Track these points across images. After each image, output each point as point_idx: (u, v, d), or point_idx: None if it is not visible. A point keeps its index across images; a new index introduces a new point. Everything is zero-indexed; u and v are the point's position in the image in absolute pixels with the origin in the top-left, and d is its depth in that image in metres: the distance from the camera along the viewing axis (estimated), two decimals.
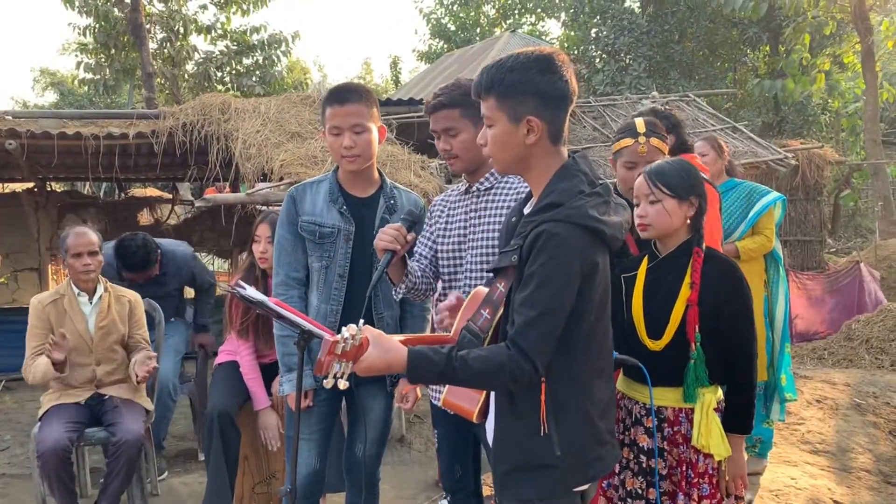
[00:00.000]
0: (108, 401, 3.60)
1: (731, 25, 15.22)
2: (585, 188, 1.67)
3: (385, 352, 1.59)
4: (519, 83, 1.68)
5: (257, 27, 15.64)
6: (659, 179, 2.19)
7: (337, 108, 2.53)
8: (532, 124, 1.68)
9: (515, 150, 1.72)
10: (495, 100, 1.71)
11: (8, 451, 4.89)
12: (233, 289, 2.11)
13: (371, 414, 2.72)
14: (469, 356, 1.59)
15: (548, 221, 1.61)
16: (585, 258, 1.61)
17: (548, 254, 1.59)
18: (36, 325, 3.52)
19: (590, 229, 1.61)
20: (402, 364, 1.59)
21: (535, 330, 1.58)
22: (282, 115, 5.43)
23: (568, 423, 1.66)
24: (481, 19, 25.14)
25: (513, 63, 1.69)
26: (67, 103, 23.40)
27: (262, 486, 3.82)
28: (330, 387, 1.53)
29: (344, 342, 1.50)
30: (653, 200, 2.19)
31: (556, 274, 1.58)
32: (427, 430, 5.01)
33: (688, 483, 2.13)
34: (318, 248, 2.63)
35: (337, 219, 2.62)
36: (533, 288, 1.59)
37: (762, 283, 3.94)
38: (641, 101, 7.60)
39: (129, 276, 4.44)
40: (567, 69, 1.71)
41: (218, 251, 9.03)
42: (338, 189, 2.65)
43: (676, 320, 2.14)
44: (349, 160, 2.56)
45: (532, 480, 1.69)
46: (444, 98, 2.39)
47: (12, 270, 8.39)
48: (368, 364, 1.57)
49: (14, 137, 5.17)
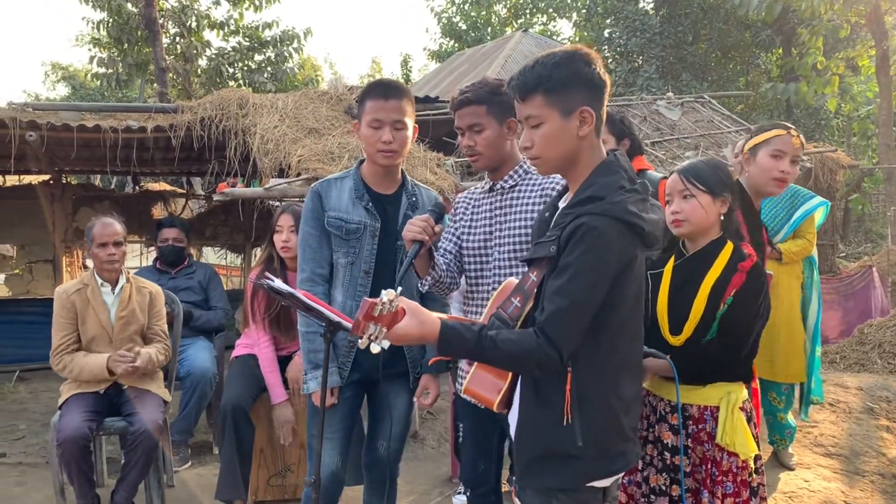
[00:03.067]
0: (127, 391, 3.63)
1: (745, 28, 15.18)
2: (626, 184, 1.68)
3: (420, 323, 1.61)
4: (568, 76, 1.70)
5: (269, 23, 15.64)
6: (692, 175, 2.22)
7: (381, 102, 2.53)
8: (585, 115, 1.70)
9: (567, 145, 1.73)
10: (543, 96, 1.71)
11: (23, 440, 4.93)
12: (260, 282, 2.13)
13: (394, 411, 2.73)
14: (498, 337, 1.61)
15: (588, 214, 1.62)
16: (622, 253, 1.63)
17: (585, 245, 1.60)
18: (61, 315, 3.56)
19: (629, 224, 1.62)
20: (435, 336, 1.61)
21: (565, 319, 1.60)
22: (299, 110, 5.45)
23: (592, 415, 1.67)
24: (492, 19, 25.14)
25: (556, 59, 1.71)
26: (79, 97, 23.52)
27: (276, 479, 3.86)
28: (364, 347, 1.55)
29: (381, 305, 1.53)
30: (686, 195, 2.21)
31: (591, 266, 1.60)
32: (440, 426, 5.02)
33: (712, 481, 2.14)
34: (344, 244, 2.64)
35: (363, 215, 2.63)
36: (567, 278, 1.61)
37: (799, 284, 3.94)
38: (656, 101, 7.59)
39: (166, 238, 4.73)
40: (600, 63, 1.75)
41: (231, 246, 9.05)
42: (362, 186, 2.66)
43: (696, 316, 2.16)
44: (385, 155, 2.56)
45: (553, 470, 1.71)
46: (470, 94, 2.41)
47: (27, 262, 8.44)
48: (403, 332, 1.60)
49: (34, 129, 5.20)
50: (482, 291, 2.48)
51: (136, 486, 3.51)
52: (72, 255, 8.71)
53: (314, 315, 2.15)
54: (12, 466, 4.40)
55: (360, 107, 2.61)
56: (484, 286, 2.47)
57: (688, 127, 7.12)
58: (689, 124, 7.19)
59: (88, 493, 3.44)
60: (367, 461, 2.83)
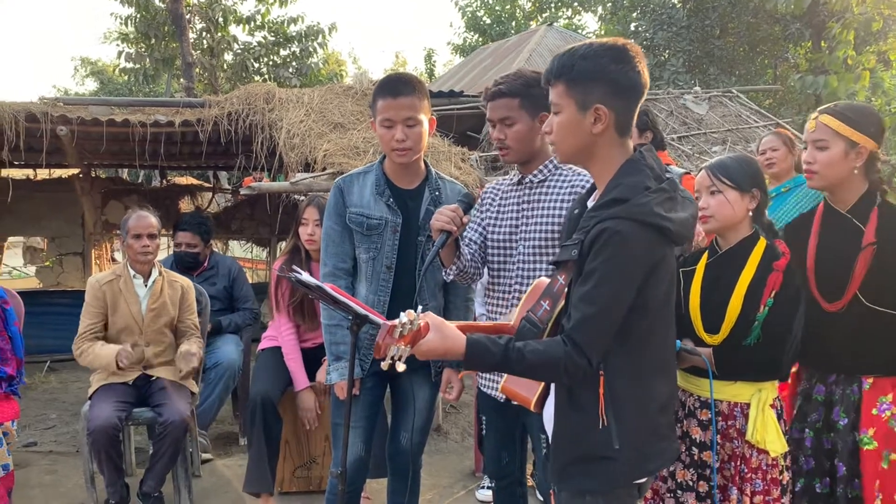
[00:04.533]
0: (155, 382, 3.69)
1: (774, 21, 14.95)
2: (651, 184, 1.65)
3: (444, 338, 1.61)
4: (590, 70, 1.67)
5: (295, 18, 15.70)
6: (720, 171, 2.19)
7: (390, 101, 2.51)
8: (600, 113, 1.67)
9: (580, 138, 1.71)
10: (565, 86, 1.70)
11: (54, 429, 5.02)
12: (289, 274, 2.14)
13: (416, 403, 2.74)
14: (525, 349, 1.60)
15: (611, 218, 1.60)
16: (648, 256, 1.61)
17: (610, 251, 1.58)
18: (91, 304, 3.61)
19: (654, 226, 1.60)
20: (461, 351, 1.61)
21: (592, 326, 1.59)
22: (325, 105, 5.47)
23: (627, 416, 1.66)
24: (517, 13, 25.01)
25: (585, 50, 1.68)
26: (107, 92, 23.77)
27: (302, 471, 3.89)
28: (387, 368, 1.56)
29: (402, 326, 1.53)
30: (714, 191, 2.19)
31: (616, 272, 1.58)
32: (463, 420, 5.04)
33: (741, 478, 2.12)
34: (365, 239, 2.64)
35: (384, 211, 2.63)
36: (592, 284, 1.59)
37: None
38: (683, 95, 7.52)
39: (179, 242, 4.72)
40: (640, 61, 1.70)
41: (256, 239, 9.13)
42: (384, 181, 2.65)
43: (733, 315, 2.13)
44: (399, 153, 2.55)
45: (591, 473, 1.70)
46: (504, 87, 2.39)
47: (57, 254, 8.57)
48: (427, 349, 1.59)
49: (65, 123, 5.28)
50: (504, 284, 2.47)
51: (164, 475, 3.57)
52: (100, 248, 8.83)
53: (341, 308, 2.16)
54: (43, 455, 4.49)
55: (373, 105, 2.60)
56: (506, 279, 2.46)
57: (715, 121, 7.05)
58: (716, 119, 7.11)
59: (117, 481, 3.50)
60: (391, 452, 2.86)
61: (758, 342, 2.11)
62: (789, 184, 3.91)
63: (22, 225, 8.39)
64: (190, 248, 4.72)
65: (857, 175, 2.28)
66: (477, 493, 3.90)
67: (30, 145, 5.59)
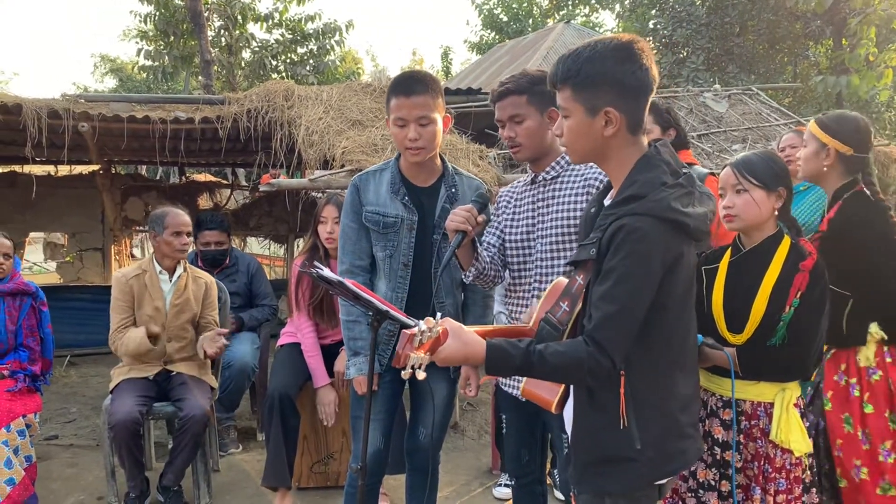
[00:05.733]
0: (176, 377, 3.72)
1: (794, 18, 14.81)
2: (668, 179, 1.63)
3: (464, 344, 1.60)
4: (596, 74, 1.64)
5: (312, 16, 15.74)
6: (746, 169, 2.16)
7: (402, 100, 2.50)
8: (610, 116, 1.65)
9: (592, 141, 1.69)
10: (571, 91, 1.67)
11: (75, 422, 5.07)
12: (311, 270, 2.15)
13: (435, 399, 2.73)
14: (546, 351, 1.58)
15: (629, 215, 1.58)
16: (667, 253, 1.59)
17: (628, 249, 1.56)
18: (119, 298, 3.65)
19: (672, 222, 1.58)
20: (480, 357, 1.60)
21: (613, 325, 1.57)
22: (343, 102, 5.47)
23: (648, 416, 1.64)
24: (534, 10, 24.94)
25: (590, 53, 1.65)
26: (126, 89, 23.97)
27: (319, 466, 3.91)
28: (408, 377, 1.57)
29: (421, 335, 1.54)
30: (739, 190, 2.16)
31: (635, 270, 1.57)
32: (480, 417, 5.04)
33: (765, 477, 2.10)
34: (382, 237, 2.65)
35: (400, 209, 2.63)
36: (612, 283, 1.57)
37: None
38: (703, 93, 7.46)
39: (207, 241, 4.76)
40: (647, 57, 1.67)
41: (275, 236, 9.17)
42: (400, 179, 2.65)
43: (758, 315, 2.11)
44: (413, 152, 2.55)
45: (612, 473, 1.68)
46: (510, 85, 2.40)
47: (78, 250, 8.66)
48: (447, 355, 1.59)
49: (87, 120, 5.32)
50: (524, 284, 2.47)
51: (184, 469, 3.60)
52: (120, 244, 8.91)
53: (362, 304, 2.17)
54: (64, 448, 4.54)
55: (387, 104, 2.59)
56: (526, 279, 2.46)
57: (735, 119, 6.99)
58: (736, 117, 7.05)
59: (138, 475, 3.53)
60: (409, 448, 2.87)
61: (783, 342, 2.10)
62: (808, 182, 3.88)
63: (43, 221, 8.49)
64: (219, 246, 4.80)
65: (832, 172, 2.67)
66: (494, 491, 3.90)
67: (52, 142, 5.64)
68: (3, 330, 3.58)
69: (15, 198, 7.81)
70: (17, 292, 3.64)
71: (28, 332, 3.65)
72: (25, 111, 5.17)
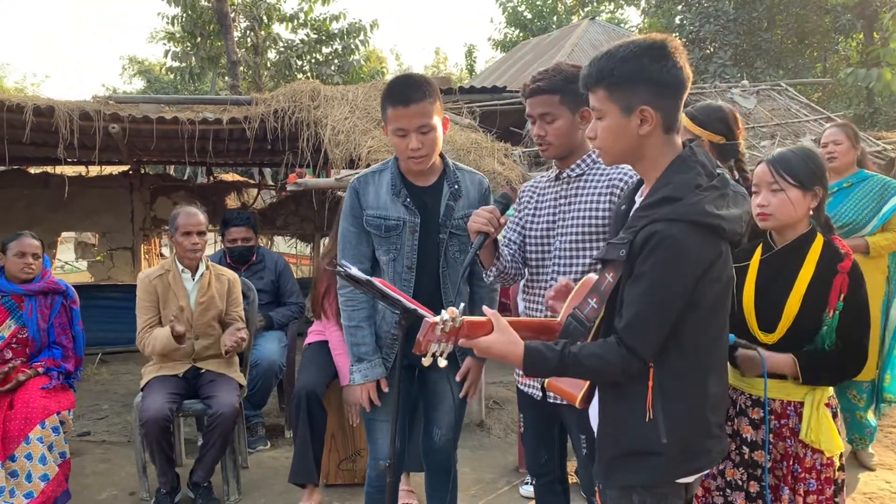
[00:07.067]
0: (205, 374, 3.77)
1: (824, 12, 14.59)
2: (703, 181, 1.62)
3: (507, 342, 1.64)
4: (631, 73, 1.63)
5: (336, 15, 15.81)
6: (783, 167, 2.11)
7: (401, 110, 2.39)
8: (646, 115, 1.64)
9: (627, 141, 1.68)
10: (606, 91, 1.67)
11: (106, 419, 5.15)
12: (339, 269, 2.16)
13: (447, 400, 2.72)
14: (581, 353, 1.61)
15: (662, 220, 1.58)
16: (700, 257, 1.58)
17: (660, 255, 1.56)
18: (144, 299, 3.70)
19: (707, 226, 1.57)
20: (519, 358, 1.64)
21: (644, 330, 1.59)
22: (369, 102, 5.50)
23: (676, 412, 1.64)
24: (558, 7, 24.83)
25: (624, 52, 1.65)
26: (154, 90, 24.26)
27: (346, 463, 3.94)
28: (428, 364, 1.57)
29: (443, 324, 1.54)
30: (775, 189, 2.12)
31: (668, 275, 1.57)
32: (506, 416, 5.03)
33: (794, 478, 2.08)
34: (384, 241, 2.58)
35: (402, 211, 2.55)
36: (645, 287, 1.58)
37: (884, 279, 3.79)
38: (731, 89, 7.38)
39: (234, 238, 4.82)
40: (680, 55, 1.66)
41: (301, 235, 9.24)
42: (400, 180, 2.57)
43: (791, 314, 2.08)
44: (416, 161, 2.47)
45: (636, 467, 1.68)
46: (543, 83, 2.36)
47: (108, 249, 8.80)
48: (488, 345, 1.63)
49: (117, 121, 5.41)
50: (542, 280, 2.45)
51: (214, 466, 3.64)
52: (149, 243, 9.03)
53: (389, 303, 2.17)
54: (97, 444, 4.61)
55: (383, 112, 2.51)
56: (544, 275, 2.44)
57: (764, 115, 6.90)
58: (764, 113, 6.97)
59: (169, 471, 3.58)
60: (425, 449, 2.86)
61: (836, 349, 2.08)
62: (851, 179, 3.80)
63: (75, 220, 8.63)
64: (245, 242, 4.85)
65: None
66: (521, 489, 3.90)
67: (83, 143, 5.73)
68: (36, 328, 3.65)
69: (48, 198, 7.96)
70: (48, 291, 3.71)
71: (60, 330, 3.72)
72: (58, 113, 5.27)
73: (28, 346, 3.66)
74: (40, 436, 3.36)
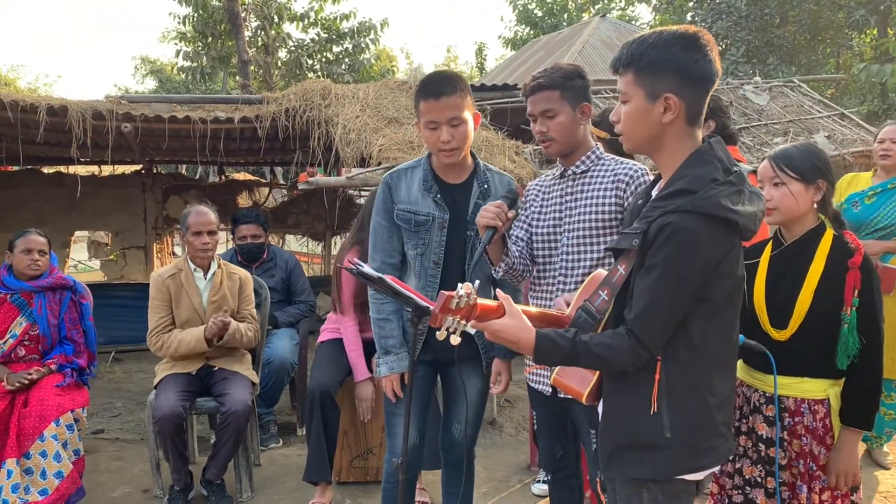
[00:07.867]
0: (218, 372, 3.78)
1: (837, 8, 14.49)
2: (719, 175, 1.62)
3: (520, 329, 1.62)
4: (660, 59, 1.64)
5: (347, 14, 15.84)
6: (784, 162, 2.13)
7: (432, 102, 2.48)
8: (670, 102, 1.64)
9: (649, 128, 1.68)
10: (633, 74, 1.67)
11: (120, 417, 5.18)
12: (351, 267, 2.17)
13: (468, 394, 2.73)
14: (592, 343, 1.61)
15: (676, 212, 1.57)
16: (713, 251, 1.58)
17: (672, 247, 1.56)
18: (157, 298, 3.72)
19: (721, 220, 1.57)
20: (531, 344, 1.62)
21: (655, 320, 1.58)
22: (379, 100, 5.50)
23: (681, 407, 1.63)
24: (569, 4, 24.79)
25: (655, 39, 1.65)
26: (165, 90, 24.42)
27: (359, 461, 3.94)
28: (442, 339, 1.55)
29: (458, 298, 1.52)
30: (777, 183, 2.13)
31: (680, 267, 1.56)
32: (518, 414, 5.03)
33: (810, 476, 2.07)
34: (413, 235, 2.64)
35: (432, 207, 2.62)
36: (656, 279, 1.58)
37: None
38: (743, 86, 7.34)
39: (244, 235, 4.84)
40: (712, 49, 1.66)
41: (312, 234, 9.26)
42: (432, 177, 2.65)
43: (803, 310, 2.07)
44: (447, 154, 2.54)
45: (639, 459, 1.68)
46: (543, 80, 2.39)
47: (121, 248, 8.84)
48: (500, 328, 1.61)
49: (129, 121, 5.43)
50: (549, 278, 2.46)
51: (226, 463, 3.65)
52: (162, 242, 9.07)
53: (402, 300, 2.17)
54: (110, 442, 4.64)
55: (416, 107, 2.58)
56: (551, 272, 2.45)
57: (776, 112, 6.85)
58: (777, 109, 6.92)
59: (182, 468, 3.60)
60: (444, 444, 2.87)
61: (862, 349, 2.07)
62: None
63: (87, 220, 8.67)
64: (255, 239, 4.88)
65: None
66: (532, 487, 3.89)
67: (96, 142, 5.76)
68: (46, 324, 3.67)
69: (61, 198, 8.00)
70: (57, 287, 3.73)
71: (70, 326, 3.74)
72: (71, 113, 5.29)
73: (40, 343, 3.69)
74: (55, 433, 3.38)
